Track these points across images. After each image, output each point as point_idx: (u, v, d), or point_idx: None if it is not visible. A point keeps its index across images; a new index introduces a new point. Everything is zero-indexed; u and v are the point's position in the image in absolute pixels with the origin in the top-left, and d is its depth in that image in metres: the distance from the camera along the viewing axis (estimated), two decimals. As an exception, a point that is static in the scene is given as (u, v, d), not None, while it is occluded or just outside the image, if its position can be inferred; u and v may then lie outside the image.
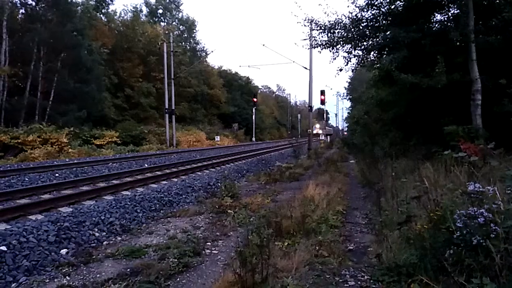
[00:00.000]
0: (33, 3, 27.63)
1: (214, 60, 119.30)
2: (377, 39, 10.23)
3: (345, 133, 48.30)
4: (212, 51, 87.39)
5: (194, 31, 53.86)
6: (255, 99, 42.89)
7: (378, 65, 10.61)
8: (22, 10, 28.35)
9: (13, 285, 3.82)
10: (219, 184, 9.54)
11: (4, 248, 4.25)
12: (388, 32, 9.82)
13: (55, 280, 3.91)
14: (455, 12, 9.47)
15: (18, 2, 27.49)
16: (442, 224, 2.92)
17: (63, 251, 4.70)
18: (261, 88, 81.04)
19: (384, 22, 10.25)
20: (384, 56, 10.16)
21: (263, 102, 66.79)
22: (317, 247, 4.43)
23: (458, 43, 9.01)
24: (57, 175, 11.23)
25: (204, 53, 54.09)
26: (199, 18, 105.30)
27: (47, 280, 3.90)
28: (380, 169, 7.15)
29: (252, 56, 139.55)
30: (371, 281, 3.47)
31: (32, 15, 27.28)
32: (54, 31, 26.21)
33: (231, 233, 5.69)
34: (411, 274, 2.97)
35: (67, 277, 3.99)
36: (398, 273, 3.26)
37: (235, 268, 3.31)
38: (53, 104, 26.42)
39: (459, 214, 2.57)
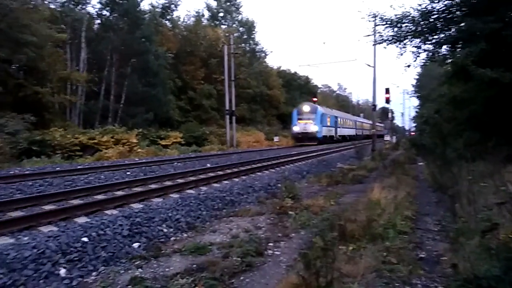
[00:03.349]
0: (107, 14, 30.05)
1: (273, 60, 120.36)
2: (450, 32, 9.51)
3: (412, 133, 45.46)
4: (271, 52, 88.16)
5: (253, 32, 54.56)
6: (315, 99, 42.31)
7: (451, 60, 9.87)
8: (97, 21, 31.01)
9: (93, 273, 4.16)
10: (279, 185, 9.53)
11: (86, 239, 4.64)
12: (463, 24, 9.08)
13: (129, 271, 4.17)
14: (544, -2, 8.49)
15: (95, 13, 30.08)
16: (532, 234, 2.63)
17: (135, 245, 5.01)
18: (321, 87, 79.89)
19: (458, 13, 9.49)
20: (459, 49, 9.42)
21: (323, 101, 65.54)
22: (384, 253, 4.22)
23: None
24: (128, 173, 12.04)
25: (263, 54, 54.63)
26: (258, 18, 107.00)
27: (122, 271, 4.18)
28: (454, 172, 6.62)
29: (312, 55, 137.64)
30: (446, 292, 3.22)
31: (106, 25, 29.72)
32: (124, 39, 28.34)
33: (292, 234, 5.64)
34: (493, 288, 2.70)
35: (139, 269, 4.24)
36: (477, 286, 2.98)
37: (299, 270, 3.26)
38: (123, 107, 28.54)
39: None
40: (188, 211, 6.76)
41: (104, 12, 30.27)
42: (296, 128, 34.31)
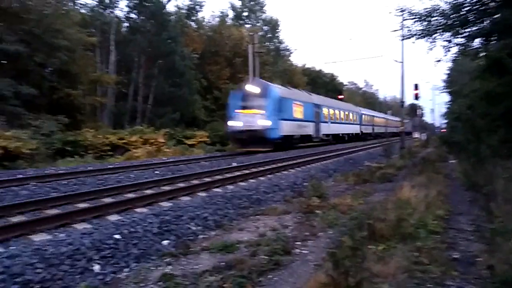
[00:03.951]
0: (135, 16, 30.81)
1: (298, 58, 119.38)
2: (483, 24, 9.11)
3: (442, 130, 43.82)
4: (296, 49, 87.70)
5: (278, 30, 54.34)
6: (340, 96, 41.68)
7: (484, 53, 9.46)
8: (126, 24, 31.84)
9: (125, 269, 4.29)
10: (306, 183, 9.47)
11: (118, 236, 4.79)
12: (498, 15, 8.67)
13: (159, 268, 4.27)
14: None
15: (123, 16, 30.91)
16: None
17: (165, 242, 5.12)
18: (346, 85, 78.75)
19: (492, 4, 9.08)
20: (493, 42, 9.02)
21: (349, 99, 64.51)
22: (415, 254, 4.11)
23: None
24: (156, 172, 12.27)
25: (287, 52, 54.32)
26: (282, 16, 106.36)
27: (153, 268, 4.29)
28: (488, 170, 6.37)
29: (338, 52, 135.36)
30: (482, 294, 3.10)
31: (133, 27, 30.45)
32: (151, 41, 28.94)
33: (320, 233, 5.60)
34: (534, 291, 2.58)
35: (169, 266, 4.34)
36: (516, 288, 2.87)
37: (327, 270, 3.23)
38: (151, 107, 29.22)
39: None
40: (216, 210, 6.83)
41: (132, 15, 31.07)
42: (234, 123, 20.16)
